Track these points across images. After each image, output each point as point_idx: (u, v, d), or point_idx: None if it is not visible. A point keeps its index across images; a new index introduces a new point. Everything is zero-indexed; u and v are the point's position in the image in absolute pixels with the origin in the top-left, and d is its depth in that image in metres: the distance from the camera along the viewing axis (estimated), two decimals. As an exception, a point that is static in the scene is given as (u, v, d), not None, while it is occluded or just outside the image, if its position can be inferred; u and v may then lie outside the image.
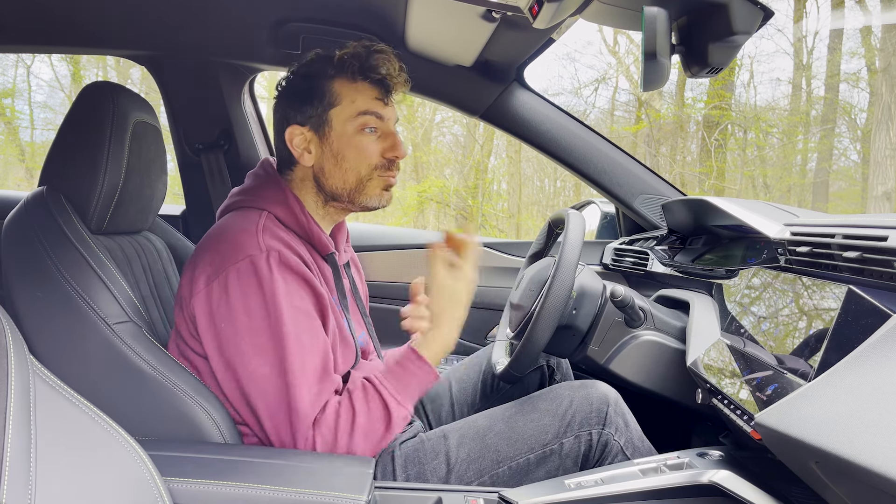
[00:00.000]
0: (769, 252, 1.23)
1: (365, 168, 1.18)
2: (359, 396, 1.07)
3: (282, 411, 1.03)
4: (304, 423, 1.02)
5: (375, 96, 1.18)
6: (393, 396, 1.08)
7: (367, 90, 1.18)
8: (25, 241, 1.08)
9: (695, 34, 0.90)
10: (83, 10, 1.60)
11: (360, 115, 1.16)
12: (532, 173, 11.51)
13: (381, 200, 1.22)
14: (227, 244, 1.07)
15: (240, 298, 1.03)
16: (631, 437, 1.17)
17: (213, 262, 1.06)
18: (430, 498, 1.03)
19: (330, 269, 1.22)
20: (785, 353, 0.92)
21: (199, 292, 1.06)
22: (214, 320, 1.05)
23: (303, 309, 1.06)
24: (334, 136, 1.17)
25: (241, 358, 1.04)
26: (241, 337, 1.03)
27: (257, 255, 1.04)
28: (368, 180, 1.19)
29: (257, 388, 1.04)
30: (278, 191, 1.18)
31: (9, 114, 9.95)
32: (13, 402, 0.61)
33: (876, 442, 0.64)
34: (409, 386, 1.11)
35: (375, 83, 1.18)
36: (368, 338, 1.35)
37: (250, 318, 1.03)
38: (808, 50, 9.51)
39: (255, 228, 1.09)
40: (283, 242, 1.09)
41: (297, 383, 1.02)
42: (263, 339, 1.03)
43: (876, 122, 7.80)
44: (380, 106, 1.18)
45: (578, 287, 1.29)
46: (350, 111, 1.17)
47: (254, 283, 1.03)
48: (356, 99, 1.17)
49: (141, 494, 0.73)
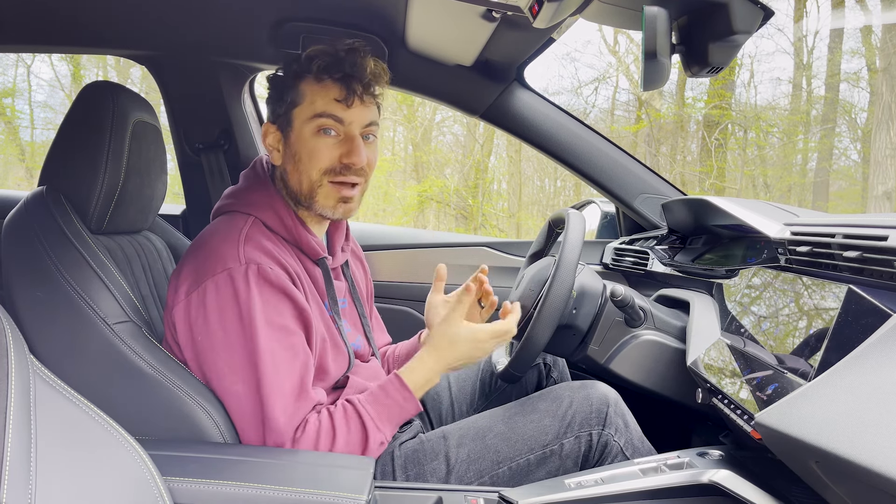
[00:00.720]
0: (769, 252, 1.23)
1: (315, 172, 1.13)
2: (339, 417, 1.06)
3: (255, 428, 1.03)
4: (279, 439, 1.02)
5: (336, 97, 1.12)
6: (372, 420, 1.08)
7: (330, 90, 1.12)
8: (25, 241, 1.08)
9: (695, 34, 0.90)
10: (83, 10, 1.60)
11: (316, 117, 1.12)
12: (532, 173, 11.51)
13: (334, 212, 1.16)
14: (208, 254, 1.07)
15: (216, 313, 1.03)
16: (631, 437, 1.17)
17: (194, 272, 1.06)
18: (430, 498, 1.03)
19: (321, 273, 1.20)
20: (785, 352, 0.92)
21: (180, 302, 1.06)
22: (192, 332, 1.05)
23: (280, 325, 1.05)
24: (294, 136, 1.14)
25: (216, 373, 1.04)
26: (216, 352, 1.03)
27: (235, 268, 1.03)
28: (319, 186, 1.14)
29: (231, 404, 1.04)
30: (265, 194, 1.16)
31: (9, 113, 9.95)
32: (13, 402, 0.61)
33: (876, 441, 0.64)
34: (389, 411, 1.10)
35: (340, 82, 1.12)
36: (365, 340, 1.35)
37: (226, 334, 1.02)
38: (808, 49, 9.51)
39: (238, 238, 1.08)
40: (265, 253, 1.07)
41: (271, 402, 1.01)
42: (238, 356, 1.02)
43: (876, 122, 7.80)
44: (339, 108, 1.12)
45: (578, 287, 1.29)
46: (308, 111, 1.12)
47: (230, 298, 1.02)
48: (316, 99, 1.12)
49: (141, 494, 0.73)
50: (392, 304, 2.11)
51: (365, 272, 1.46)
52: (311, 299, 1.14)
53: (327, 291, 1.20)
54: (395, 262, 2.17)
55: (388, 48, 1.65)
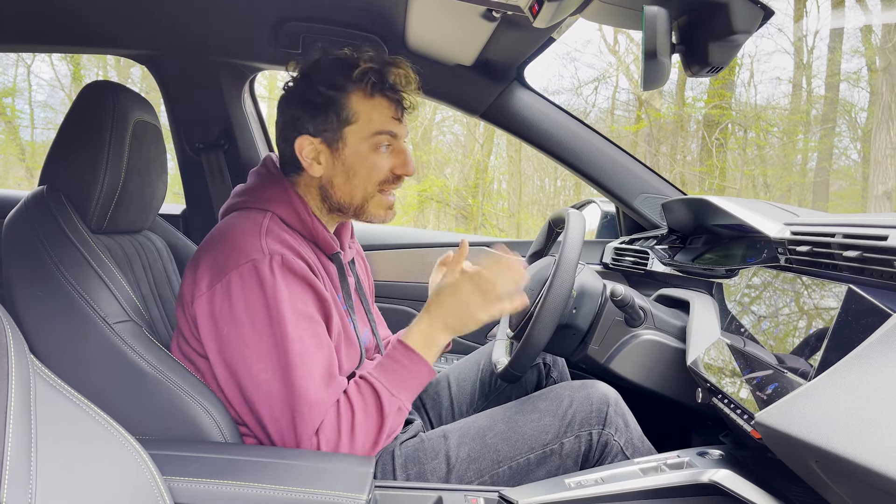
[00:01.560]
0: (769, 251, 1.23)
1: (371, 185, 1.17)
2: (354, 392, 1.07)
3: (285, 416, 1.02)
4: (310, 427, 1.02)
5: (392, 115, 1.15)
6: (384, 386, 1.07)
7: (383, 108, 1.15)
8: (26, 241, 1.08)
9: (695, 33, 0.90)
10: (83, 10, 1.60)
11: (376, 135, 1.14)
12: (532, 172, 11.51)
13: (385, 217, 1.21)
14: (229, 247, 1.07)
15: (242, 303, 1.03)
16: (631, 437, 1.18)
17: (216, 265, 1.06)
18: (431, 497, 1.03)
19: (335, 268, 1.21)
20: (785, 352, 0.92)
21: (202, 295, 1.06)
22: (217, 324, 1.05)
23: (306, 313, 1.05)
24: (348, 152, 1.15)
25: (243, 363, 1.04)
26: (243, 342, 1.03)
27: (260, 259, 1.04)
28: (372, 197, 1.18)
29: (260, 393, 1.03)
30: (282, 191, 1.16)
31: (9, 113, 9.96)
32: (13, 402, 0.61)
33: (876, 441, 0.64)
34: (399, 376, 1.10)
35: (392, 100, 1.16)
36: (372, 335, 1.35)
37: (253, 323, 1.03)
38: (808, 49, 9.51)
39: (258, 231, 1.08)
40: (286, 245, 1.08)
41: (301, 388, 1.01)
42: (266, 345, 1.02)
43: (876, 122, 7.80)
44: (395, 125, 1.16)
45: (578, 286, 1.29)
46: (366, 130, 1.14)
47: (256, 288, 1.03)
48: (373, 118, 1.14)
49: (141, 493, 0.73)
50: (392, 303, 2.11)
51: (366, 269, 1.47)
52: (329, 292, 1.15)
53: (342, 286, 1.22)
54: (395, 262, 2.17)
55: (388, 48, 1.65)
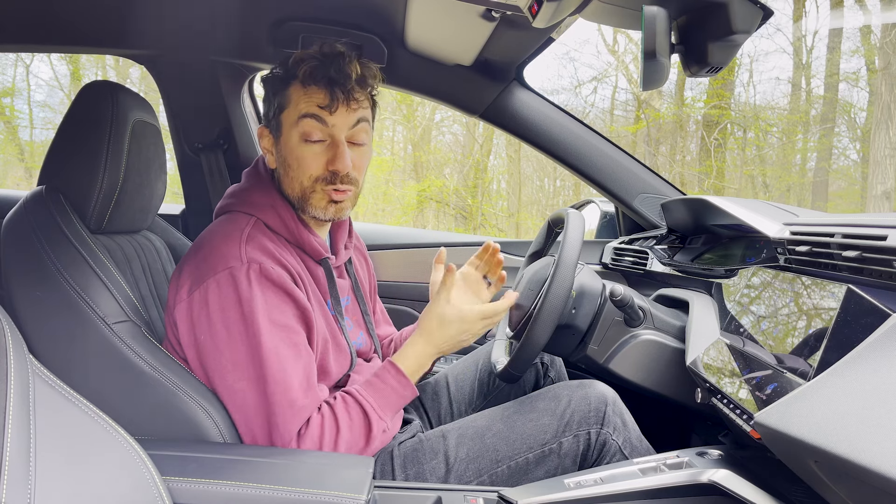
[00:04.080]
0: (769, 251, 1.23)
1: (306, 179, 1.13)
2: (341, 409, 1.07)
3: (259, 426, 1.03)
4: (285, 435, 1.02)
5: (320, 103, 1.10)
6: (374, 408, 1.08)
7: (314, 94, 1.11)
8: (25, 241, 1.08)
9: (694, 33, 0.90)
10: (83, 10, 1.60)
11: (300, 120, 1.11)
12: (532, 172, 11.52)
13: (325, 213, 1.15)
14: (210, 253, 1.07)
15: (219, 312, 1.03)
16: (629, 436, 1.18)
17: (197, 271, 1.06)
18: (430, 497, 1.03)
19: (324, 272, 1.21)
20: (784, 352, 0.92)
21: (182, 301, 1.06)
22: (195, 331, 1.05)
23: (282, 323, 1.05)
24: (283, 141, 1.15)
25: (219, 371, 1.04)
26: (219, 351, 1.03)
27: (237, 267, 1.03)
28: (312, 192, 1.14)
29: (235, 402, 1.04)
30: (266, 194, 1.16)
31: (8, 113, 9.95)
32: (13, 402, 0.61)
33: (875, 441, 0.64)
34: (388, 398, 1.11)
35: (325, 88, 1.11)
36: (368, 337, 1.35)
37: (229, 332, 1.03)
38: (807, 49, 9.51)
39: (239, 237, 1.08)
40: (266, 253, 1.07)
41: (276, 399, 1.01)
42: (241, 354, 1.02)
43: (875, 122, 7.80)
44: (323, 114, 1.11)
45: (578, 286, 1.29)
46: (293, 116, 1.12)
47: (233, 297, 1.02)
48: (300, 104, 1.11)
49: (140, 494, 0.73)
50: (391, 303, 2.11)
51: (368, 266, 1.46)
52: (314, 299, 1.15)
53: (330, 291, 1.21)
54: (395, 262, 2.17)
55: (387, 48, 1.65)
